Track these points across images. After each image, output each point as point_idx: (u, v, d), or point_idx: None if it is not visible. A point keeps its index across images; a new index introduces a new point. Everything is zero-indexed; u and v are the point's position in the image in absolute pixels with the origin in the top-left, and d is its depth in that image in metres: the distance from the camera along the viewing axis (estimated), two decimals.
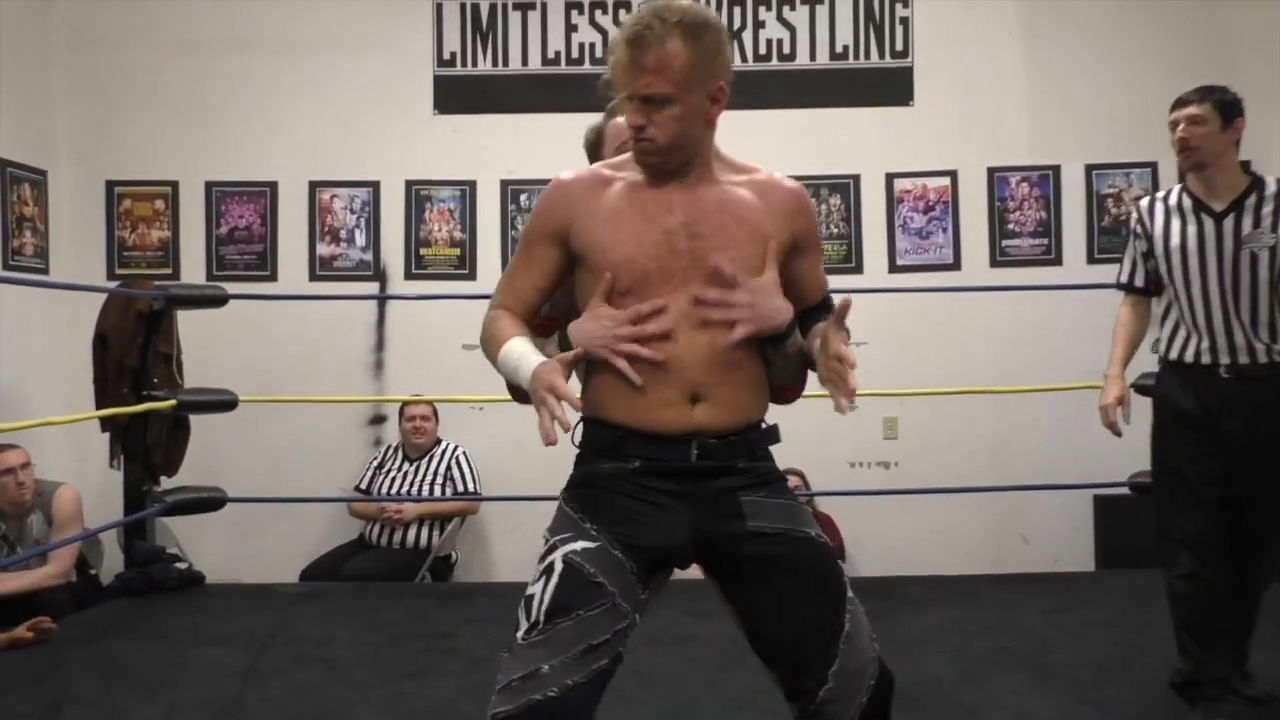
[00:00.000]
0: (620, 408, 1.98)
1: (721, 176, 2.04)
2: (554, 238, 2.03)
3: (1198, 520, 3.11)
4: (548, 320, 2.19)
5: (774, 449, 2.16)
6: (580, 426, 2.05)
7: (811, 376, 2.18)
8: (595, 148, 2.57)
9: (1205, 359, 3.15)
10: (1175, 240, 3.18)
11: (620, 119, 2.36)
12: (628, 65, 1.95)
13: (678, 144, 1.97)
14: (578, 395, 1.91)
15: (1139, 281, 3.36)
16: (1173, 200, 3.24)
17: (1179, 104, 3.30)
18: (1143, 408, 3.50)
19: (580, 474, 2.04)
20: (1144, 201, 3.35)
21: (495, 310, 2.08)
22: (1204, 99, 3.27)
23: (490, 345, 2.04)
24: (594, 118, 2.61)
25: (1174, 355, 3.26)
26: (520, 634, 1.88)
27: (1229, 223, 3.11)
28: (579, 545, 1.93)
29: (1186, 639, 3.15)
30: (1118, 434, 3.40)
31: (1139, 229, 3.31)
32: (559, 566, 1.91)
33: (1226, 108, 3.24)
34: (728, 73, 2.00)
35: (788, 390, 2.22)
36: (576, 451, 2.06)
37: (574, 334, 1.98)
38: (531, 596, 1.90)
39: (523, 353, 1.98)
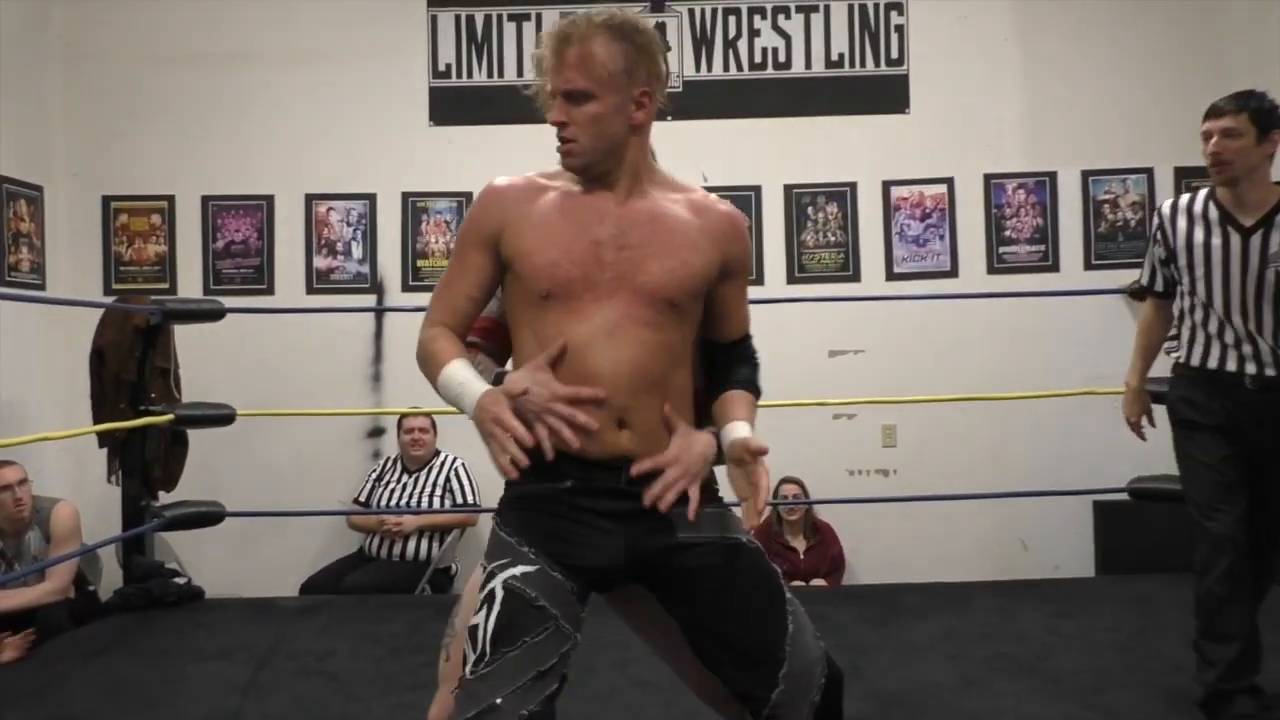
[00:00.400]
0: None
1: (655, 191, 2.03)
2: (486, 243, 2.00)
3: (1235, 519, 3.05)
4: (490, 322, 2.17)
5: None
6: None
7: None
8: None
9: (1230, 366, 3.08)
10: (1199, 252, 3.10)
11: None
12: (551, 61, 1.99)
13: (598, 145, 1.96)
14: None
15: (1159, 286, 3.30)
16: (1198, 208, 3.15)
17: (1213, 113, 3.16)
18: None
19: (513, 496, 1.99)
20: (1166, 207, 3.24)
21: (431, 329, 2.05)
22: (1240, 109, 3.11)
23: (428, 366, 2.02)
24: None
25: (1195, 362, 3.16)
26: (469, 668, 1.85)
27: (1256, 239, 3.02)
28: (518, 570, 1.89)
29: (1213, 647, 3.09)
30: (1143, 439, 3.51)
31: (1159, 235, 3.23)
32: (500, 593, 1.88)
33: (1263, 117, 3.10)
34: (657, 82, 2.01)
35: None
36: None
37: (510, 385, 1.91)
38: (475, 627, 1.87)
39: (463, 379, 1.96)
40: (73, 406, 5.27)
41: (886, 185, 5.94)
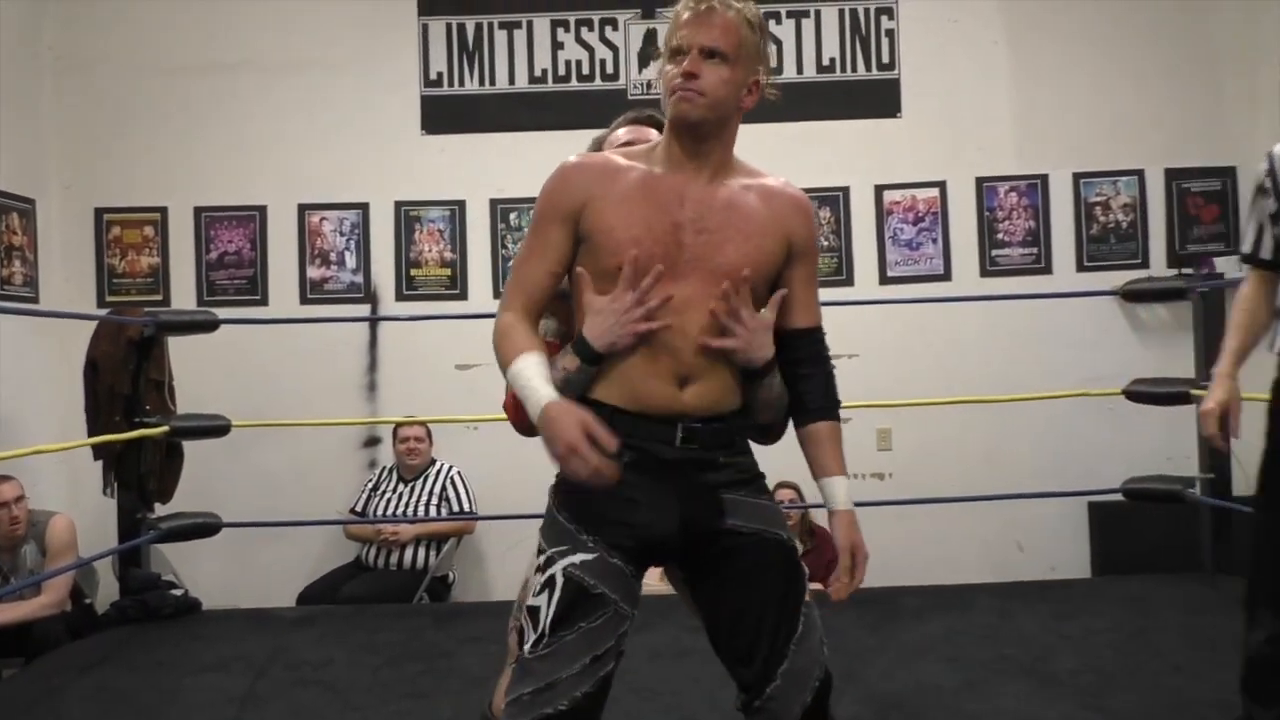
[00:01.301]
0: (609, 386, 2.01)
1: (733, 178, 2.07)
2: (567, 218, 2.02)
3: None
4: (553, 346, 2.17)
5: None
6: None
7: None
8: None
9: None
10: None
11: (621, 132, 2.41)
12: (694, 21, 1.99)
13: (716, 107, 2.00)
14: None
15: (1265, 252, 2.67)
16: None
17: None
18: (1143, 411, 3.49)
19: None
20: (1265, 165, 2.66)
21: (506, 315, 2.04)
22: None
23: (502, 354, 2.01)
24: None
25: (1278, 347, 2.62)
26: (528, 647, 1.94)
27: None
28: (578, 558, 1.96)
29: (1255, 708, 2.65)
30: (1219, 447, 2.83)
31: (1268, 182, 2.65)
32: (560, 580, 1.95)
33: None
34: (767, 75, 2.10)
35: (769, 430, 2.26)
36: None
37: (590, 334, 1.97)
38: (536, 609, 1.95)
39: (532, 377, 1.95)
40: (67, 419, 5.26)
41: (879, 189, 5.95)
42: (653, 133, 2.40)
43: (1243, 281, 2.78)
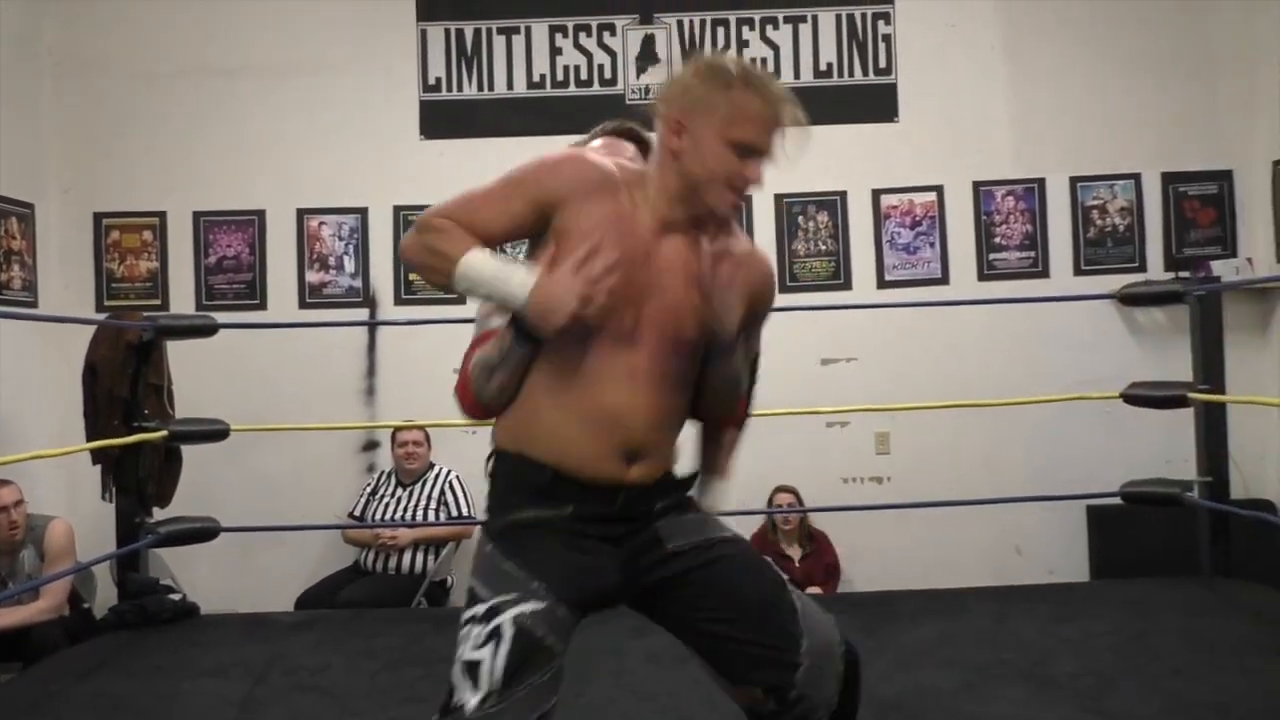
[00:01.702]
0: (552, 448, 1.94)
1: (721, 236, 2.02)
2: (543, 206, 1.93)
3: None
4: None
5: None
6: (495, 459, 2.03)
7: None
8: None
9: None
10: None
11: (597, 143, 2.37)
12: (774, 121, 1.94)
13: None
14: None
15: None
16: None
17: None
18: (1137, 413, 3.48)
19: (512, 522, 1.96)
20: None
21: (442, 220, 1.94)
22: None
23: (443, 248, 1.91)
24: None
25: None
26: (474, 704, 1.82)
27: None
28: (528, 608, 1.86)
29: None
30: None
31: None
32: (509, 631, 1.84)
33: None
34: None
35: (731, 416, 2.21)
36: (490, 486, 2.03)
37: (543, 299, 1.85)
38: (478, 664, 1.83)
39: (495, 263, 1.88)
40: (66, 424, 5.25)
41: (876, 193, 5.96)
42: (629, 146, 2.36)
43: None
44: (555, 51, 5.97)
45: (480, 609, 1.87)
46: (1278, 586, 4.34)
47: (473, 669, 1.83)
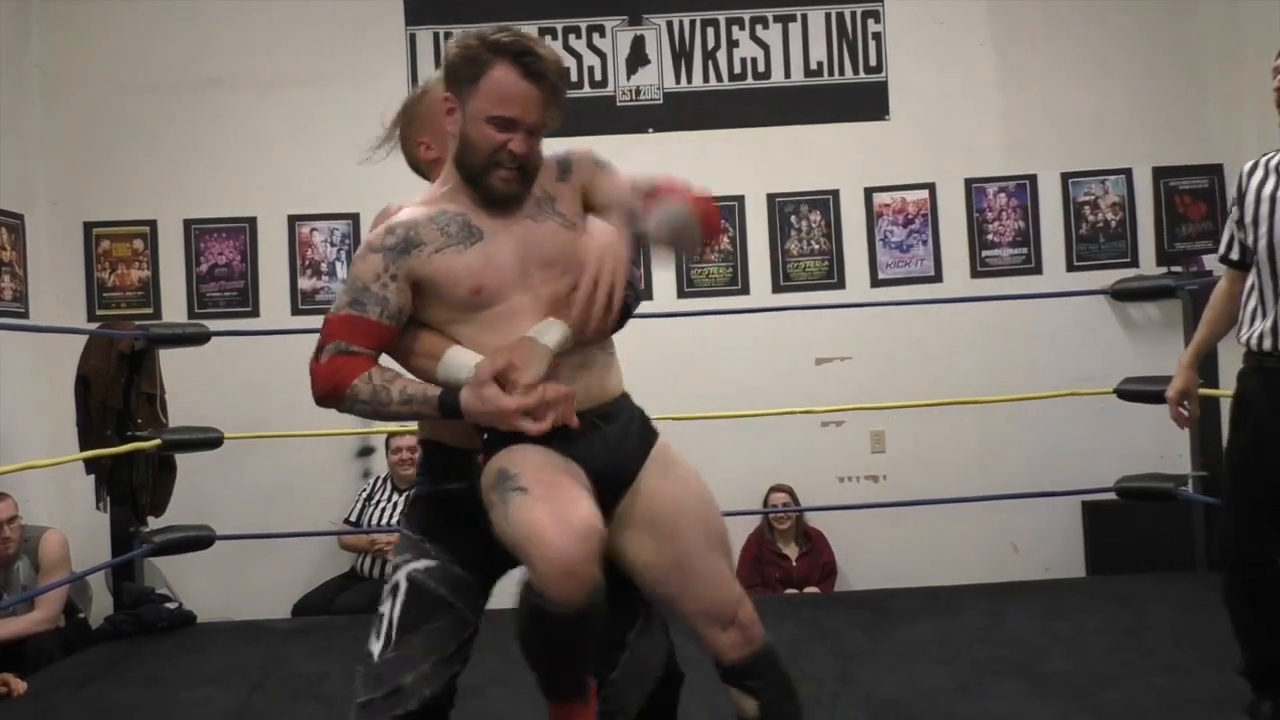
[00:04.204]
0: (459, 433, 2.04)
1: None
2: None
3: (1249, 538, 2.83)
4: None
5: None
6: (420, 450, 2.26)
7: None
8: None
9: (1267, 343, 2.78)
10: (1265, 205, 2.79)
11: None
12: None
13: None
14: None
15: (1234, 254, 2.95)
16: (1275, 160, 2.84)
17: None
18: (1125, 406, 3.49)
19: (420, 495, 2.18)
20: (1248, 164, 2.91)
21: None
22: None
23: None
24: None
25: (1244, 336, 2.88)
26: (376, 651, 2.03)
27: None
28: (420, 564, 2.06)
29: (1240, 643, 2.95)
30: (1183, 426, 3.19)
31: (1234, 193, 2.94)
32: (404, 585, 2.06)
33: None
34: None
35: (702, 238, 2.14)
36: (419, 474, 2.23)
37: (467, 404, 1.92)
38: (382, 615, 2.05)
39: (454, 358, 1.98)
40: (58, 434, 5.25)
41: (869, 192, 5.95)
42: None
43: (1220, 280, 3.08)
44: None
45: (390, 572, 2.11)
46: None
47: (379, 621, 2.05)
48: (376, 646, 2.02)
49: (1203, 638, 3.76)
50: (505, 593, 2.04)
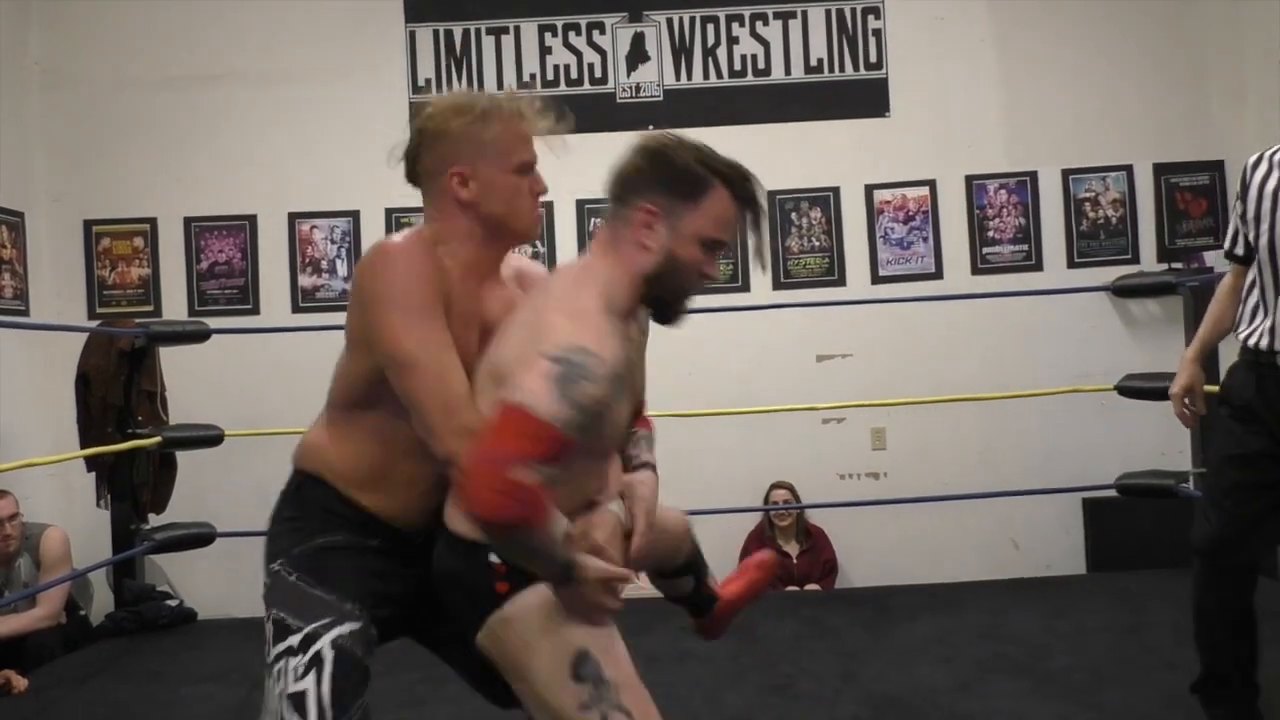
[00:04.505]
0: (379, 500, 1.95)
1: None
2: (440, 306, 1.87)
3: (1224, 528, 2.87)
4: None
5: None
6: (306, 483, 2.02)
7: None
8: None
9: (1265, 343, 2.76)
10: (1267, 202, 2.77)
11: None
12: (536, 128, 1.97)
13: None
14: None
15: (1239, 249, 2.92)
16: (1278, 155, 2.82)
17: None
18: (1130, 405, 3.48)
19: (319, 547, 1.94)
20: (1253, 157, 2.88)
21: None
22: None
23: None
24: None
25: (1242, 334, 2.86)
26: None
27: None
28: (346, 629, 1.85)
29: (1198, 643, 3.01)
30: (1188, 424, 3.10)
31: (1239, 188, 2.91)
32: (329, 655, 1.82)
33: None
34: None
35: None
36: (289, 507, 2.02)
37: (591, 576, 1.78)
38: (303, 694, 1.79)
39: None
40: (59, 432, 5.25)
41: (869, 189, 5.95)
42: None
43: (1225, 275, 3.04)
44: (545, 51, 5.96)
45: (295, 639, 1.84)
46: (1272, 577, 4.34)
47: (299, 700, 1.79)
48: None
49: None
50: None
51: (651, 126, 6.19)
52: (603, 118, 5.72)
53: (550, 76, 5.94)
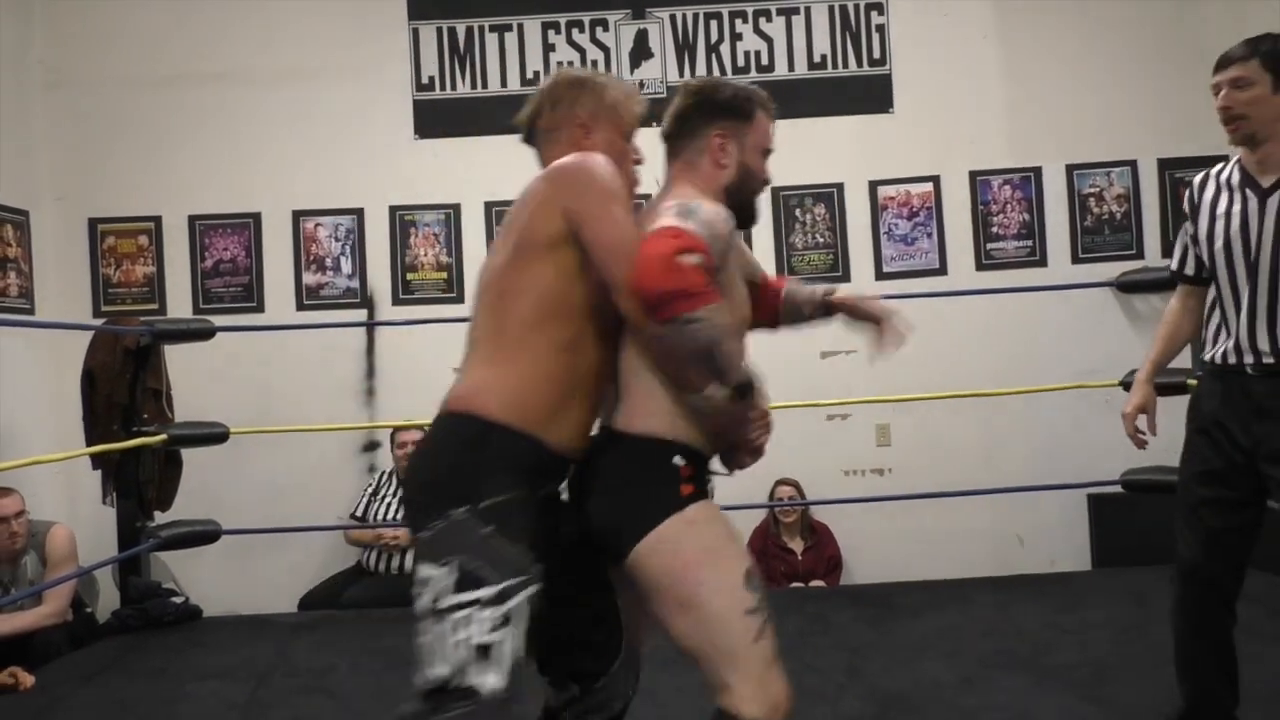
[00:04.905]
0: (560, 429, 2.04)
1: None
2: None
3: (1194, 547, 2.79)
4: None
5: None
6: (483, 429, 2.00)
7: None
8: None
9: (1232, 359, 2.73)
10: (1219, 222, 2.73)
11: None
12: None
13: None
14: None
15: (1189, 269, 2.90)
16: (1225, 175, 2.79)
17: (1221, 64, 2.72)
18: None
19: (518, 501, 1.98)
20: (1199, 177, 2.87)
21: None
22: (1250, 55, 2.66)
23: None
24: None
25: (1208, 355, 2.82)
26: (498, 684, 1.90)
27: (1274, 201, 2.64)
28: (533, 589, 1.96)
29: (1179, 675, 2.89)
30: (1140, 446, 3.01)
31: (1187, 208, 2.88)
32: (524, 611, 1.94)
33: (1277, 62, 2.64)
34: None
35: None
36: (477, 450, 2.00)
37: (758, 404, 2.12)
38: (494, 646, 1.90)
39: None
40: (65, 430, 5.26)
41: (873, 185, 5.95)
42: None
43: (1172, 296, 3.02)
44: (548, 48, 5.96)
45: (488, 592, 1.91)
46: (1277, 573, 4.34)
47: (489, 651, 1.89)
48: (494, 679, 1.90)
49: None
50: None
51: (655, 123, 6.17)
52: None
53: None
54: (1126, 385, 5.02)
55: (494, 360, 2.05)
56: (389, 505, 5.54)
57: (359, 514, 5.62)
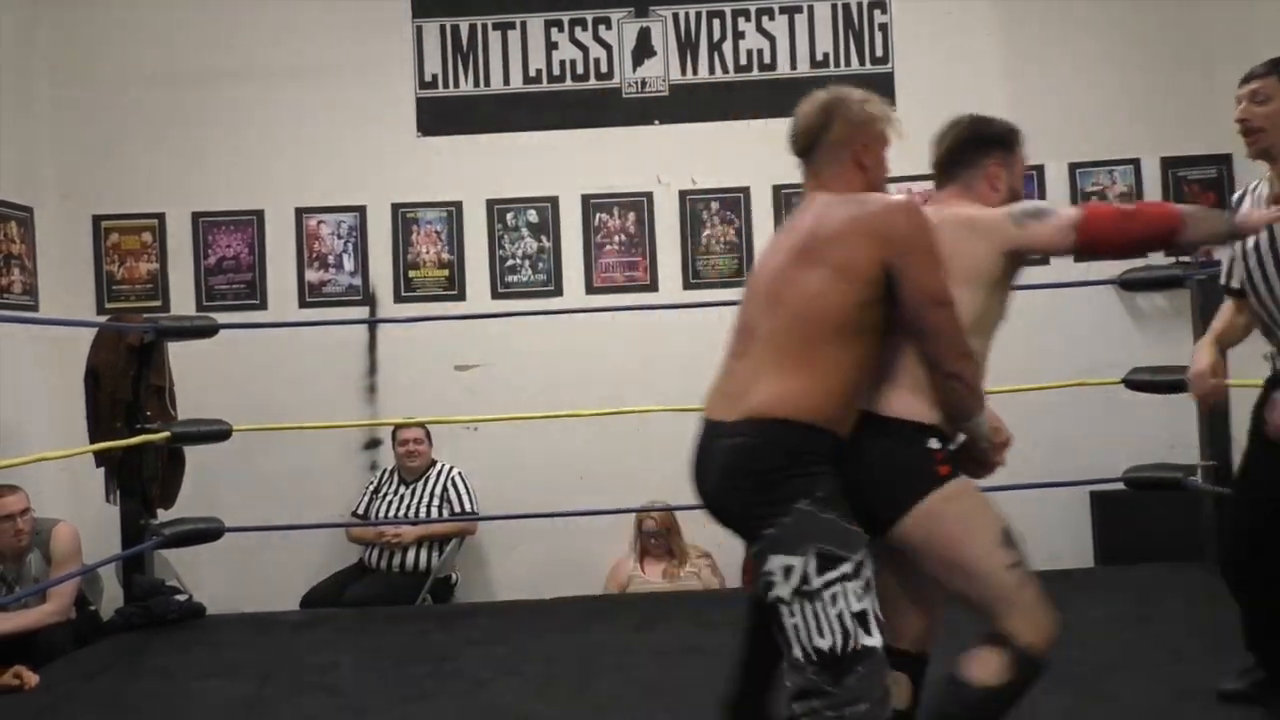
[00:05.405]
0: (844, 424, 2.29)
1: None
2: None
3: (1239, 542, 2.92)
4: None
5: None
6: (789, 430, 2.22)
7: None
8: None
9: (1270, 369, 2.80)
10: (1250, 240, 2.76)
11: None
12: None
13: None
14: None
15: (1234, 282, 2.95)
16: (1260, 190, 2.82)
17: (1245, 79, 2.80)
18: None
19: (834, 487, 2.22)
20: (1237, 194, 2.92)
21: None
22: (1270, 71, 2.74)
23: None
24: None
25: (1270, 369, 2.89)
26: (878, 643, 2.18)
27: None
28: (870, 557, 2.22)
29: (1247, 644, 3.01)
30: (1209, 408, 3.18)
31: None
32: (873, 579, 2.23)
33: None
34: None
35: None
36: (802, 451, 2.22)
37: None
38: (866, 612, 2.17)
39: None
40: (69, 427, 5.26)
41: None
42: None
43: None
44: (551, 46, 5.96)
45: (848, 567, 2.17)
46: None
47: (864, 617, 2.16)
48: (874, 639, 2.18)
49: (1212, 627, 3.76)
50: (516, 586, 2.04)
51: (657, 121, 6.20)
52: (609, 112, 5.72)
53: (556, 71, 5.93)
54: (1129, 383, 5.02)
55: (799, 373, 2.26)
56: (390, 503, 5.55)
57: (361, 512, 5.62)
